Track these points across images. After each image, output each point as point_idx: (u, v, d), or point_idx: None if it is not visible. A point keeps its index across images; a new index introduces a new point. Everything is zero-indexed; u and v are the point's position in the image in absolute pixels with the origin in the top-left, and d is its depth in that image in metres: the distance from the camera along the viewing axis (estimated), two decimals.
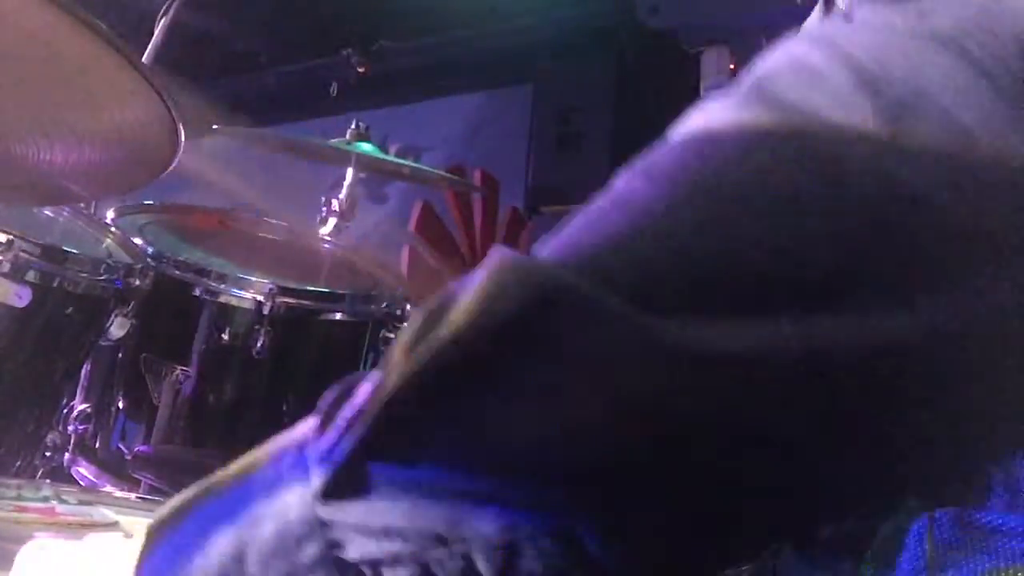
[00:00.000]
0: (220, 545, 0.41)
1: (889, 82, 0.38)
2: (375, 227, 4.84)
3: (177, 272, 1.42)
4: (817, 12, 0.88)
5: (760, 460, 0.38)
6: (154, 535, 0.44)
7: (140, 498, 1.03)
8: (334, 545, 0.39)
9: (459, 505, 0.38)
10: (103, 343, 1.34)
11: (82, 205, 1.43)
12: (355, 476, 0.38)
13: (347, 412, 0.39)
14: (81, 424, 1.41)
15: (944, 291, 0.37)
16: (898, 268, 0.37)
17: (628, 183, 0.41)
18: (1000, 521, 0.48)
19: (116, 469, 1.40)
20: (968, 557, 0.48)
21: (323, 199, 1.99)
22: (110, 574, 0.45)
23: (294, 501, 0.39)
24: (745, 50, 4.05)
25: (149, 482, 1.35)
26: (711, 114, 0.41)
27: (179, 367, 1.40)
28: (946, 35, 0.39)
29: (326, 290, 1.55)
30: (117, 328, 1.30)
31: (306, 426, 0.42)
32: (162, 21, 1.91)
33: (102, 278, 1.24)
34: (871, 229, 0.37)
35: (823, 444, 0.38)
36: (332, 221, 1.96)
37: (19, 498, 0.85)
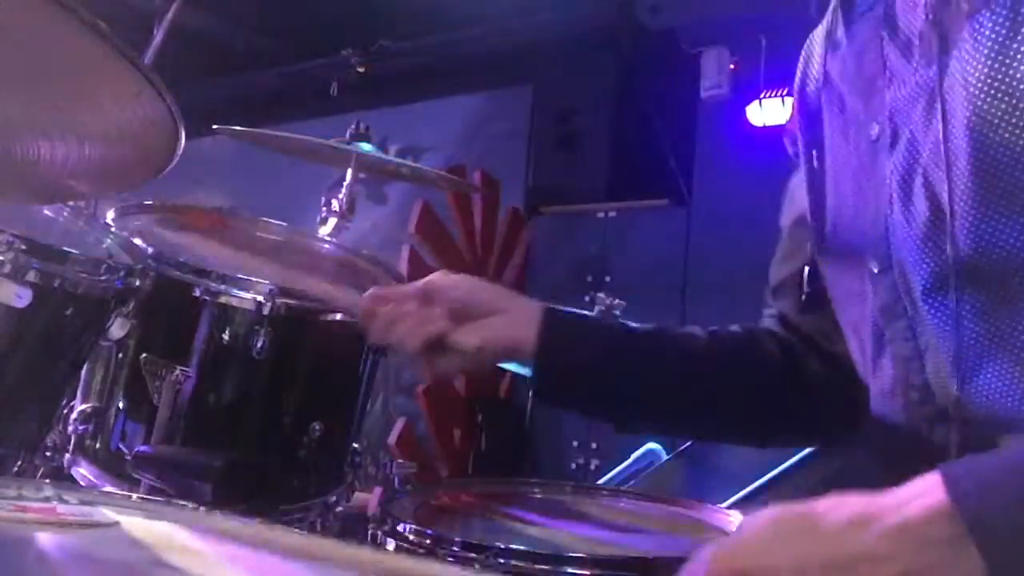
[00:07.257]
0: None
1: None
2: (375, 227, 4.84)
3: (177, 272, 1.42)
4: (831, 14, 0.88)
5: None
6: None
7: (140, 498, 1.03)
8: None
9: None
10: (103, 343, 1.34)
11: (82, 205, 1.43)
12: None
13: None
14: (81, 424, 1.41)
15: None
16: None
17: None
18: None
19: (116, 469, 1.40)
20: None
21: (323, 199, 1.99)
22: None
23: None
24: (745, 50, 4.05)
25: (149, 482, 1.35)
26: None
27: (179, 367, 1.39)
28: None
29: None
30: (117, 328, 1.30)
31: None
32: (162, 21, 1.91)
33: (102, 278, 1.24)
34: None
35: None
36: (332, 221, 1.96)
37: (20, 498, 0.85)
